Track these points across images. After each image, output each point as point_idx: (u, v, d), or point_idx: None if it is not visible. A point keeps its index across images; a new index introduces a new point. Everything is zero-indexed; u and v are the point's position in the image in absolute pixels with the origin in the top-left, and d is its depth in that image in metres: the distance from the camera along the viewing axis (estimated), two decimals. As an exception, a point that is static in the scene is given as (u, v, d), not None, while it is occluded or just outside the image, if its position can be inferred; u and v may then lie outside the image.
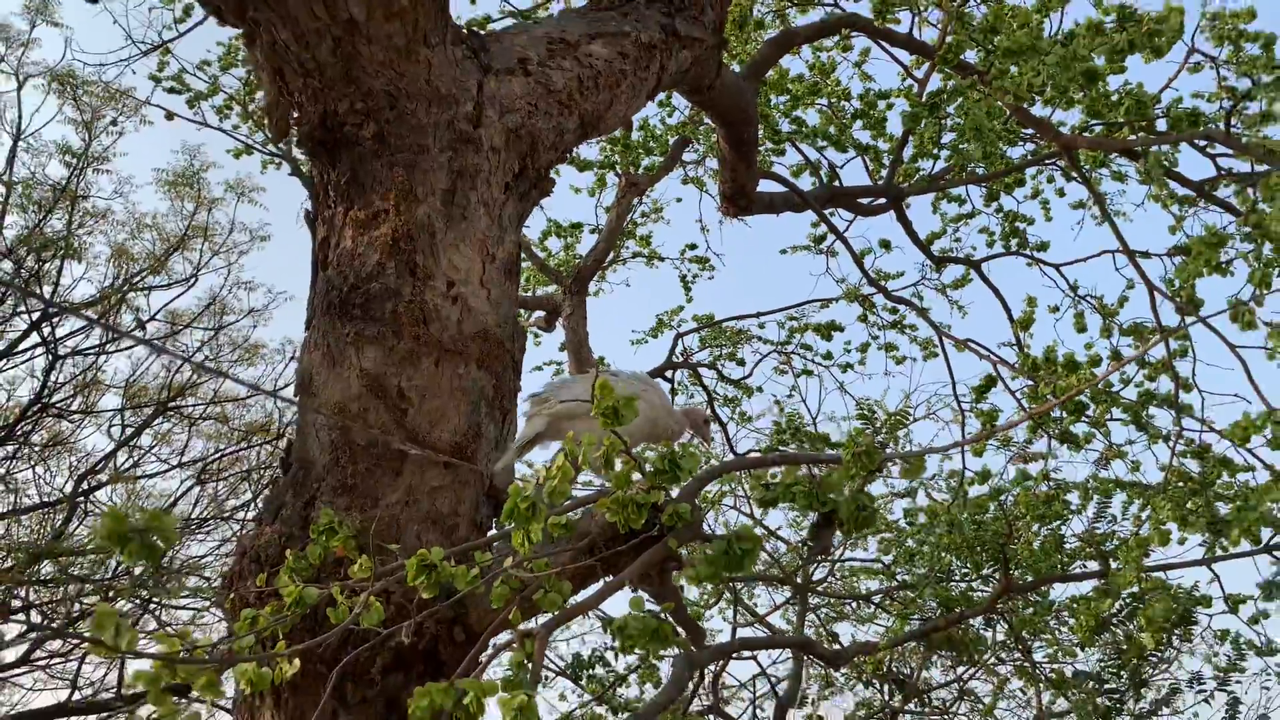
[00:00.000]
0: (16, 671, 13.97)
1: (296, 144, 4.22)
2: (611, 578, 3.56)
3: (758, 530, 11.07)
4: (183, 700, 2.88)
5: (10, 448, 15.69)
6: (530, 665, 2.75)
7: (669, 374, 10.31)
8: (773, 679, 12.64)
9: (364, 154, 4.06)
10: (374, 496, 3.96)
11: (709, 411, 6.51)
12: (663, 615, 3.18)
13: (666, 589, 3.96)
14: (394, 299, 3.85)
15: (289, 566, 3.39)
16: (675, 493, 3.33)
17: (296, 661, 3.24)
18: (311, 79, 4.08)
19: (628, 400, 2.91)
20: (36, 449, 15.99)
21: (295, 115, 4.21)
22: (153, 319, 15.68)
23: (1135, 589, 6.61)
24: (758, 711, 13.26)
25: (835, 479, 3.48)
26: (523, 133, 4.36)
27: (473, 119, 4.21)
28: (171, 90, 10.41)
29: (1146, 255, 8.21)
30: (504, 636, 3.34)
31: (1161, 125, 7.23)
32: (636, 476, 3.07)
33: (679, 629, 4.20)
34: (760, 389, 11.50)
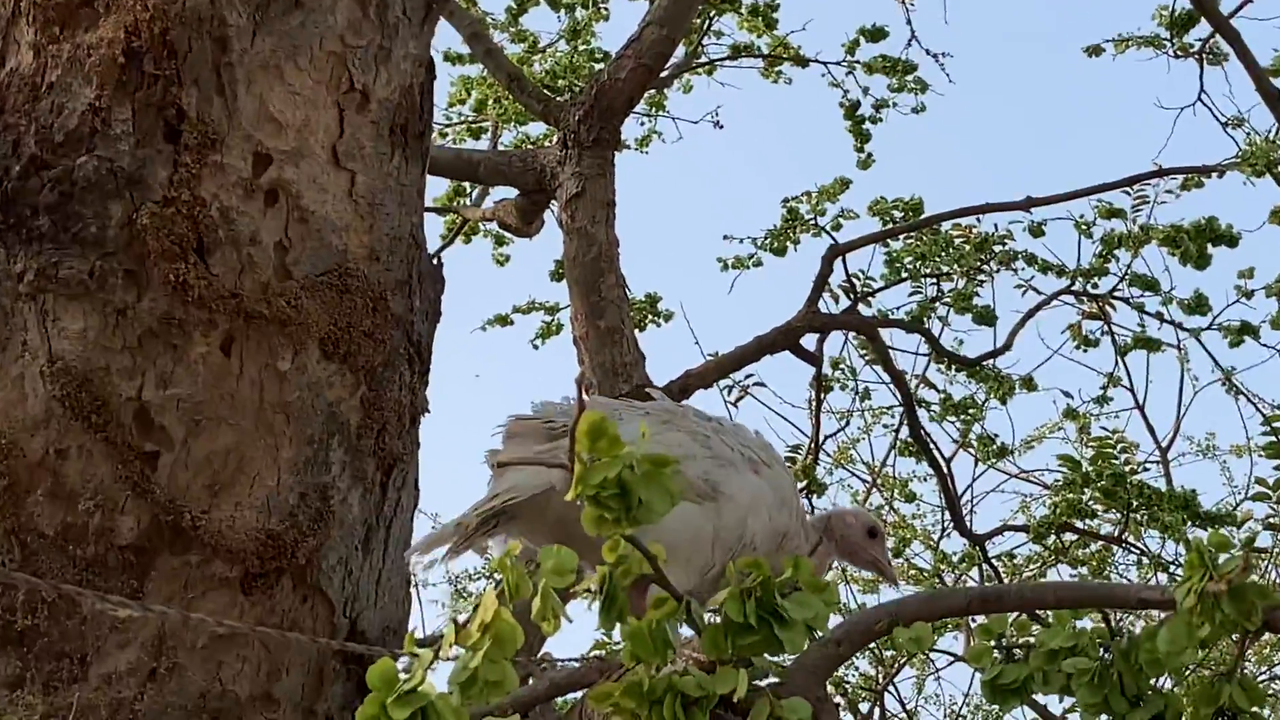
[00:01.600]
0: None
1: None
2: None
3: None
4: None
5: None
6: None
7: (815, 340, 4.98)
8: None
9: None
10: (75, 658, 1.67)
11: (881, 519, 3.43)
12: None
13: None
14: (128, 196, 1.86)
15: None
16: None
17: None
18: None
19: (655, 467, 1.22)
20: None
21: None
22: None
23: None
24: None
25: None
26: None
27: None
28: None
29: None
30: None
31: None
32: (685, 632, 1.38)
33: None
34: (1029, 381, 5.59)
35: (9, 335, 1.83)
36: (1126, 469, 4.66)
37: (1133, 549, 5.61)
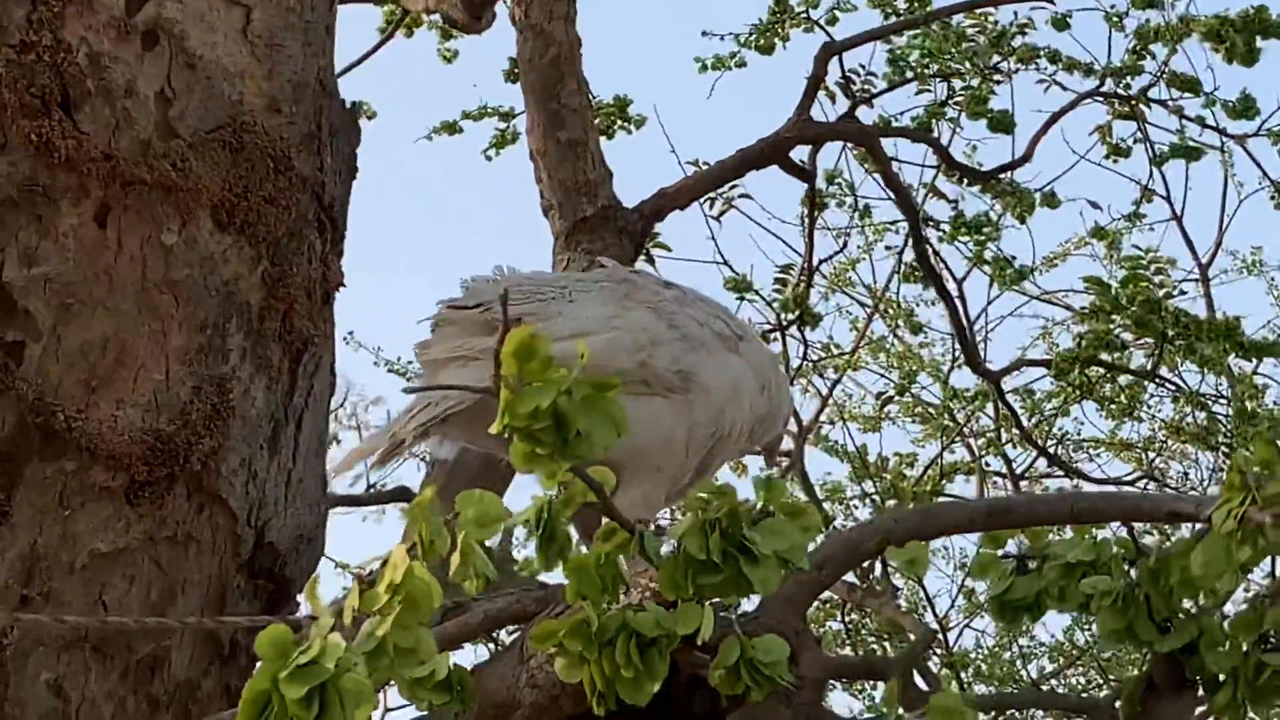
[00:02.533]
0: None
1: None
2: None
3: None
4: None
5: None
6: None
7: (808, 153, 4.65)
8: None
9: None
10: None
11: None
12: None
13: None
14: None
15: None
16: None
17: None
18: None
19: (596, 391, 1.04)
20: None
21: None
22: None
23: None
24: None
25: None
26: None
27: None
28: None
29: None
30: None
31: None
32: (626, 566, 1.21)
33: None
34: (1051, 197, 5.08)
35: None
36: (1161, 293, 4.26)
37: (1167, 384, 5.18)
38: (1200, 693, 1.18)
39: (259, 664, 1.01)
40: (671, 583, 1.17)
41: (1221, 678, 1.14)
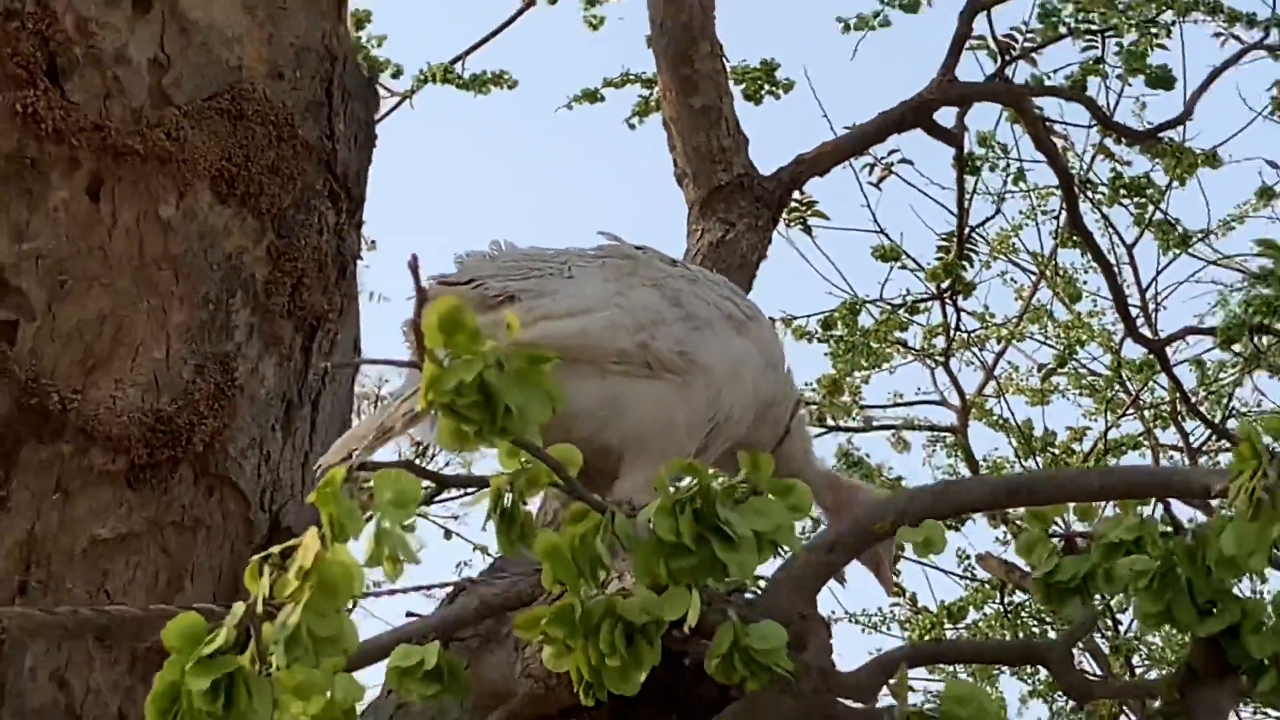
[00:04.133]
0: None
1: None
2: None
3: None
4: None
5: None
6: None
7: (955, 116, 4.25)
8: None
9: None
10: None
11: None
12: None
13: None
14: None
15: None
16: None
17: None
18: None
19: (530, 364, 0.97)
20: None
21: None
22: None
23: None
24: None
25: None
26: None
27: None
28: None
29: None
30: None
31: None
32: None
33: None
34: (1212, 157, 4.61)
35: None
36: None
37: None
38: (1243, 680, 1.04)
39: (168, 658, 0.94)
40: (645, 567, 1.08)
41: (1265, 663, 1.01)
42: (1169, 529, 1.06)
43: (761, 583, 1.27)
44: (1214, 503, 1.15)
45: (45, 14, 1.50)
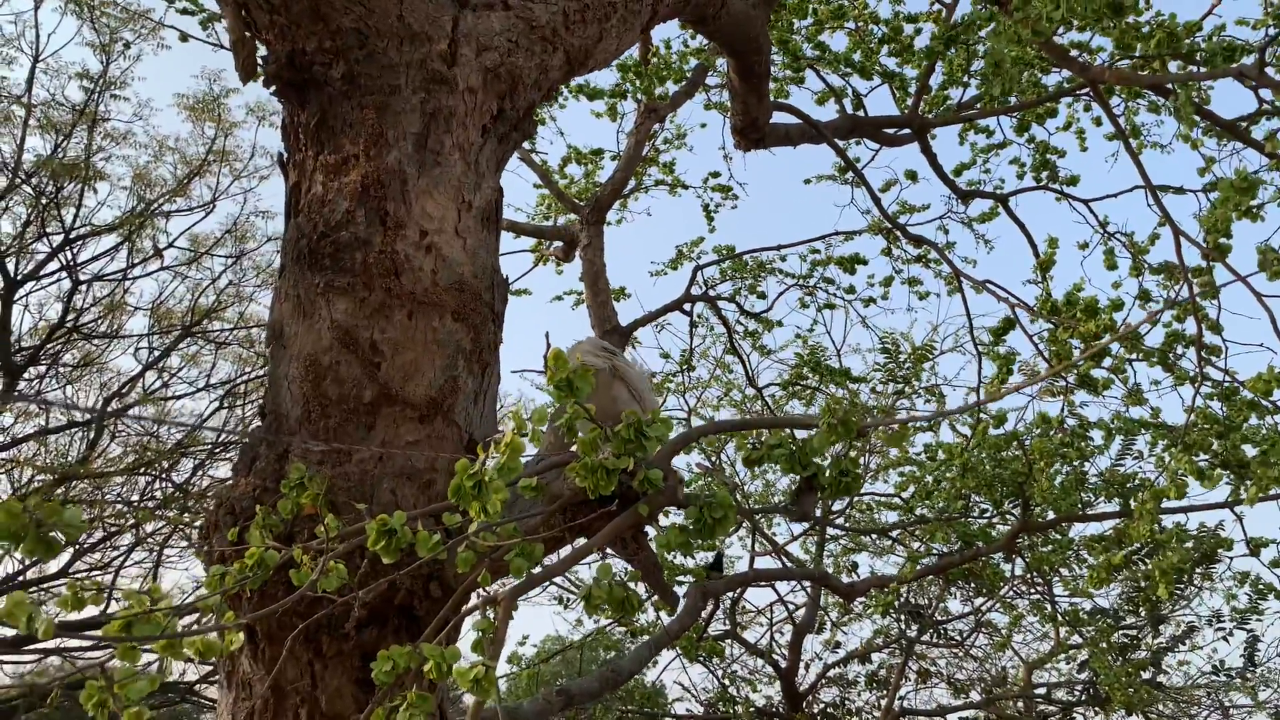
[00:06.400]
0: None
1: (264, 84, 4.03)
2: (583, 540, 3.42)
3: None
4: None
5: (41, 368, 15.72)
6: (493, 634, 2.69)
7: (688, 307, 10.11)
8: (790, 606, 12.59)
9: (333, 95, 3.86)
10: (347, 451, 3.82)
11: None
12: (629, 584, 3.08)
13: (643, 553, 3.84)
14: (364, 249, 3.71)
15: (259, 523, 3.30)
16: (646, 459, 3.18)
17: (241, 635, 3.14)
18: (277, 15, 3.88)
19: (583, 372, 2.73)
20: (67, 369, 16.03)
21: (262, 54, 4.01)
22: (171, 245, 15.57)
23: (1150, 539, 6.41)
24: (775, 636, 13.23)
25: (817, 443, 3.35)
26: (501, 71, 4.13)
27: (447, 58, 4.00)
28: (184, 11, 10.18)
29: (1181, 191, 7.89)
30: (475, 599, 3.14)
31: (1198, 58, 6.89)
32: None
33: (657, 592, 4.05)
34: (780, 323, 11.26)
35: (313, 311, 4.06)
36: None
37: None
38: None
39: None
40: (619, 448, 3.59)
41: (826, 480, 3.41)
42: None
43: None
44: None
45: (394, 253, 4.11)
